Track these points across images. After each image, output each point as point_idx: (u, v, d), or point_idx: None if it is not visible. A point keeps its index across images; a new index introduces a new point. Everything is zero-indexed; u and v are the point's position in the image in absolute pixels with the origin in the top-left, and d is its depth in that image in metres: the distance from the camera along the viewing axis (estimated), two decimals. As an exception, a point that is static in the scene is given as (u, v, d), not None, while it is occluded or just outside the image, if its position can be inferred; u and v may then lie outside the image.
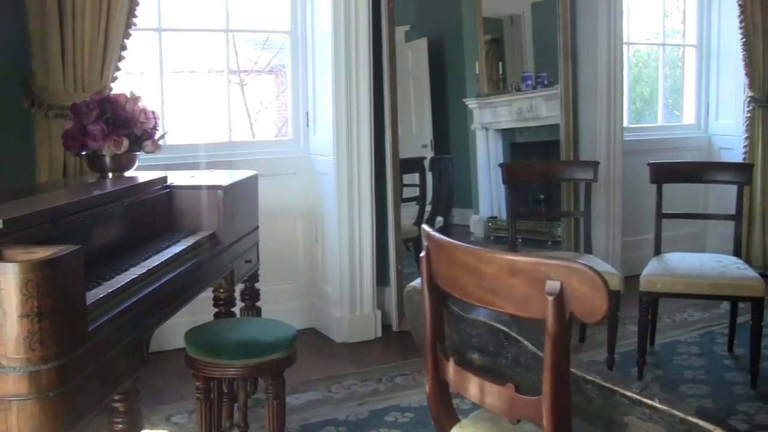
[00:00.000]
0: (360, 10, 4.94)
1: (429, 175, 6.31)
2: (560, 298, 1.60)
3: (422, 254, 1.97)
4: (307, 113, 5.33)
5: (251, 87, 6.97)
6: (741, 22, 6.64)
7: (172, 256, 2.91)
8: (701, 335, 5.16)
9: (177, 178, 3.65)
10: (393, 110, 5.20)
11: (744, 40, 6.65)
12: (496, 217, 6.61)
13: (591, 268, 1.57)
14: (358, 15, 4.93)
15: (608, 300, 1.56)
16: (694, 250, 6.45)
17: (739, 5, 6.62)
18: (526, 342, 1.92)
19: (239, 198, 3.70)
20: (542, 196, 6.74)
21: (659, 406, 1.73)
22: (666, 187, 4.88)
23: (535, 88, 6.49)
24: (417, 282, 2.08)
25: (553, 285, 1.60)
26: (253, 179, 4.00)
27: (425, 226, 2.00)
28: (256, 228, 4.05)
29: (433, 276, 1.95)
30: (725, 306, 5.37)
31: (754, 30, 6.63)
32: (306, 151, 5.36)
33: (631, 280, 4.71)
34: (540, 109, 6.41)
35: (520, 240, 6.56)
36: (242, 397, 3.49)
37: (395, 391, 4.23)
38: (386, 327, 5.26)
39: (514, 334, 1.93)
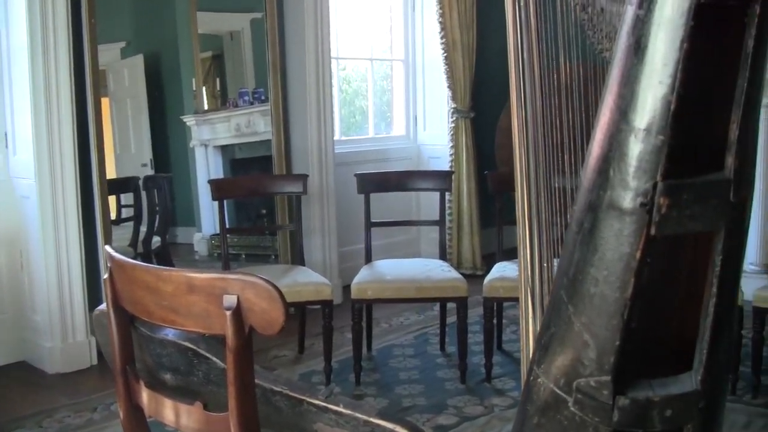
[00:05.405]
0: (59, 25, 4.67)
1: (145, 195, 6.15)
2: (238, 313, 1.60)
3: (105, 276, 1.91)
4: (6, 134, 5.01)
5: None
6: (442, 38, 7.04)
7: None
8: (416, 337, 5.40)
9: None
10: (98, 130, 4.98)
11: (445, 55, 7.06)
12: (218, 234, 6.56)
13: (266, 280, 1.59)
14: (56, 30, 4.66)
15: (284, 311, 1.57)
16: (409, 256, 6.75)
17: (440, 22, 7.02)
18: (214, 358, 1.91)
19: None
20: (264, 211, 6.78)
21: (344, 410, 1.78)
22: (380, 196, 5.07)
23: (252, 103, 6.53)
24: (105, 305, 2.01)
25: (230, 300, 1.61)
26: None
27: (107, 248, 1.94)
28: (-53, 259, 3.78)
29: (118, 297, 1.90)
30: (438, 307, 5.64)
31: (454, 46, 7.06)
32: (6, 174, 5.03)
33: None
34: (258, 124, 6.46)
35: (243, 256, 6.59)
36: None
37: (111, 419, 4.07)
38: (102, 353, 5.06)
39: (202, 351, 1.92)
